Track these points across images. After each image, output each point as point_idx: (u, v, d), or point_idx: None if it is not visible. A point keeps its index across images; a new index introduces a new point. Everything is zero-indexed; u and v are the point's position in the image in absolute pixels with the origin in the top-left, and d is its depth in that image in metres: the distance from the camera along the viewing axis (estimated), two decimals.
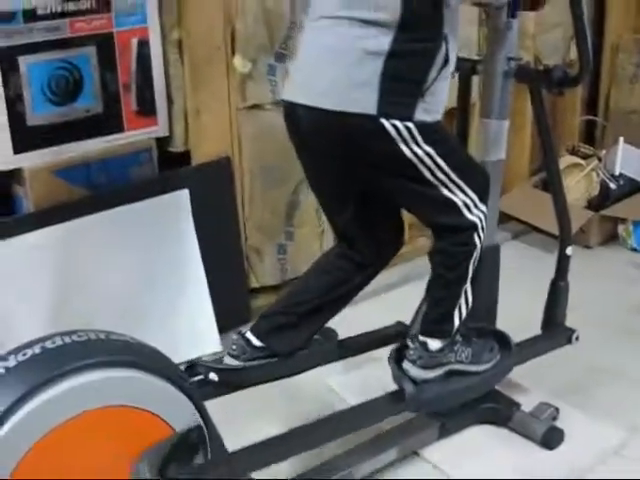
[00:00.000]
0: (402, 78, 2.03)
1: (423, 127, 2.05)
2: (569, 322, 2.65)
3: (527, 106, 3.86)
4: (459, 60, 2.36)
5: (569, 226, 2.57)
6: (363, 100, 2.01)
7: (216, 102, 2.99)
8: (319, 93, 2.07)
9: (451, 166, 2.12)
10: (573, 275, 2.70)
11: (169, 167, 2.97)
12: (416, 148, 2.05)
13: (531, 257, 3.73)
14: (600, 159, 3.98)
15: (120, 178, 2.82)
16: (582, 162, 3.91)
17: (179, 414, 1.82)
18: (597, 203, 3.85)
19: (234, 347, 2.32)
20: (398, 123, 2.01)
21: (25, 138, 2.61)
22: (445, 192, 2.14)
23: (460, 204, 2.16)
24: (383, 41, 2.00)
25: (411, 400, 2.26)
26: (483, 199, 2.22)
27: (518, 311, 2.73)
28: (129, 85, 2.80)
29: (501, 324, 2.56)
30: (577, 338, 2.61)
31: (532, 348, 2.56)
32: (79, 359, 1.68)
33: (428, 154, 2.07)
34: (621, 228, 3.81)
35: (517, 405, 2.51)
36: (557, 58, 3.94)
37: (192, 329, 2.88)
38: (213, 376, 2.26)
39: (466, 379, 2.35)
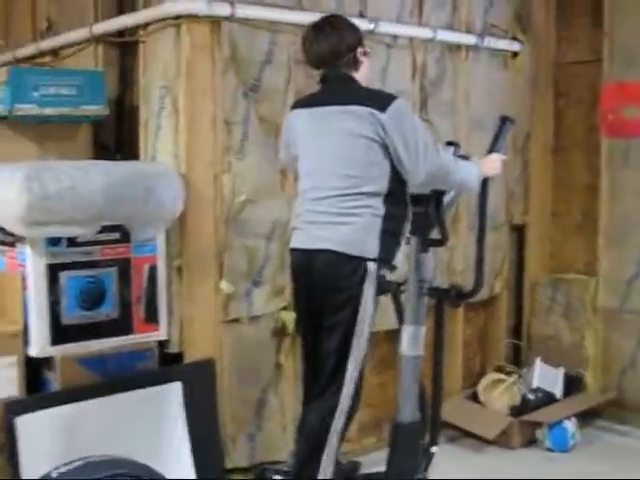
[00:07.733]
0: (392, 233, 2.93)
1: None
2: None
3: (459, 332, 4.64)
4: (390, 282, 3.15)
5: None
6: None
7: (205, 315, 3.60)
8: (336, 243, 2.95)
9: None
10: (498, 470, 3.40)
11: (166, 363, 3.57)
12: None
13: (461, 457, 4.26)
14: (520, 376, 4.62)
15: (128, 369, 3.42)
16: (504, 377, 4.56)
17: None
18: (518, 411, 4.40)
19: None
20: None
21: (59, 333, 3.23)
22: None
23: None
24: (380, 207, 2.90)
25: None
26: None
27: None
28: (140, 298, 3.45)
29: None
30: None
31: None
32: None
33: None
34: (538, 432, 4.33)
35: None
36: (486, 291, 4.62)
37: None
38: None
39: None
